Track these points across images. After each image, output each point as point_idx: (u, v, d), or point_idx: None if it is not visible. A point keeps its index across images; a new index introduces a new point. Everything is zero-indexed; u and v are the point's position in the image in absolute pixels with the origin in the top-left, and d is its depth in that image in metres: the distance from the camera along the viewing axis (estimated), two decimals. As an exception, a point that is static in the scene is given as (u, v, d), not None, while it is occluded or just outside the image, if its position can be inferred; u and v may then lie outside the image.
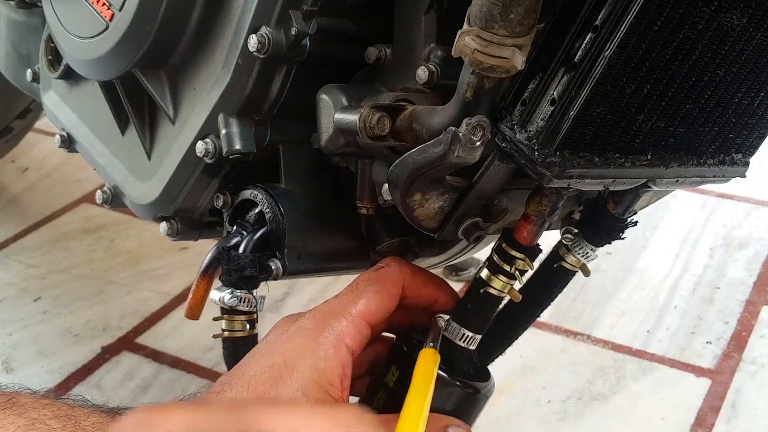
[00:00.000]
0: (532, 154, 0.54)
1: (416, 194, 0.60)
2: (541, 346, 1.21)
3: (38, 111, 1.49)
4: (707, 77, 0.56)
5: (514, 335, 0.75)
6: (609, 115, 0.54)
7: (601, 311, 1.28)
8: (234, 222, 0.71)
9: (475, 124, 0.54)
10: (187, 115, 0.72)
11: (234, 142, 0.68)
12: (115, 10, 0.71)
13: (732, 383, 1.13)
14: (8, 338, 1.24)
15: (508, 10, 0.49)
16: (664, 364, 1.18)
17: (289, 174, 0.71)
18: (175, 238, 0.77)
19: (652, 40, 0.52)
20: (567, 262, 0.70)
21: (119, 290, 1.35)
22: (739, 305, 1.29)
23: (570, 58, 0.53)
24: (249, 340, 0.68)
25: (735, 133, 0.62)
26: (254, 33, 0.65)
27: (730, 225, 1.49)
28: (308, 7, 0.65)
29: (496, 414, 1.09)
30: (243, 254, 0.67)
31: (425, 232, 0.63)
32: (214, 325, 0.69)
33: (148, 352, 1.22)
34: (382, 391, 0.65)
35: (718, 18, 0.53)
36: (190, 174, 0.73)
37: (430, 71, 0.62)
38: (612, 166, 0.57)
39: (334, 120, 0.64)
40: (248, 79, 0.67)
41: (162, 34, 0.70)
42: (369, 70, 0.68)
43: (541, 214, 0.61)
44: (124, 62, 0.73)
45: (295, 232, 0.68)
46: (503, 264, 0.62)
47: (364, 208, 0.69)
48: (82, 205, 1.58)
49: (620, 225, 0.69)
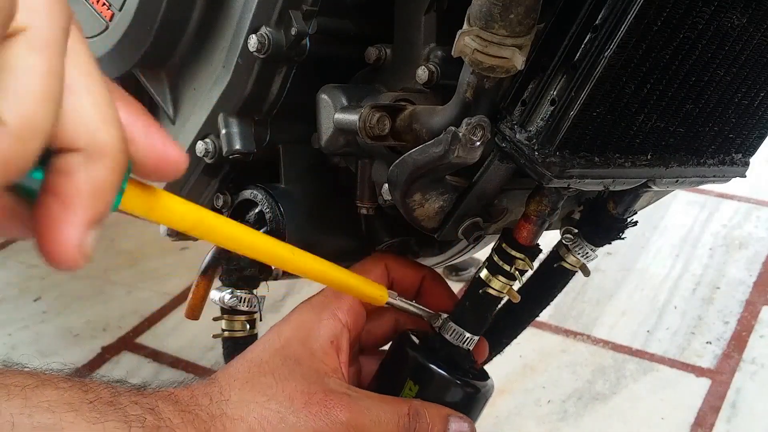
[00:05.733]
0: (532, 154, 0.54)
1: (416, 194, 0.60)
2: (541, 346, 1.21)
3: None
4: (707, 77, 0.56)
5: (512, 334, 0.75)
6: (609, 115, 0.54)
7: (601, 311, 1.28)
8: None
9: (475, 124, 0.54)
10: (187, 115, 0.72)
11: (234, 142, 0.68)
12: (115, 10, 0.71)
13: (732, 383, 1.13)
14: (8, 338, 1.24)
15: (508, 10, 0.49)
16: (664, 364, 1.18)
17: (289, 174, 0.71)
18: (175, 238, 0.77)
19: (652, 40, 0.52)
20: (567, 262, 0.70)
21: (119, 290, 1.35)
22: (739, 305, 1.29)
23: (570, 58, 0.53)
24: (249, 340, 0.68)
25: (735, 133, 0.62)
26: (254, 33, 0.65)
27: (730, 225, 1.49)
28: (308, 7, 0.65)
29: (496, 414, 1.09)
30: (243, 254, 0.67)
31: (425, 232, 0.63)
32: (214, 325, 0.69)
33: (148, 352, 1.22)
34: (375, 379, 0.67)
35: (718, 18, 0.53)
36: (190, 174, 0.73)
37: (430, 71, 0.62)
38: (612, 166, 0.57)
39: (334, 120, 0.64)
40: (248, 79, 0.67)
41: (162, 34, 0.70)
42: (369, 70, 0.68)
43: (541, 214, 0.61)
44: (124, 62, 0.73)
45: (295, 232, 0.68)
46: (503, 264, 0.63)
47: (364, 208, 0.69)
48: (82, 205, 1.58)
49: (620, 225, 0.69)
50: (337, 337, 0.62)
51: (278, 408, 0.57)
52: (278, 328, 0.62)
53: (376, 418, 0.58)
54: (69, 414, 0.48)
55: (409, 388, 0.64)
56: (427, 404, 0.61)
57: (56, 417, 0.48)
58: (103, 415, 0.50)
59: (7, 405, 0.47)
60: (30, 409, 0.47)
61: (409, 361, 0.64)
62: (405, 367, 0.65)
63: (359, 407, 0.58)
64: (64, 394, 0.49)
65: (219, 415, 0.55)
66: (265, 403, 0.57)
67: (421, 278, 0.68)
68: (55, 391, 0.49)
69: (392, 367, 0.66)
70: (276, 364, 0.59)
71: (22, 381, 0.49)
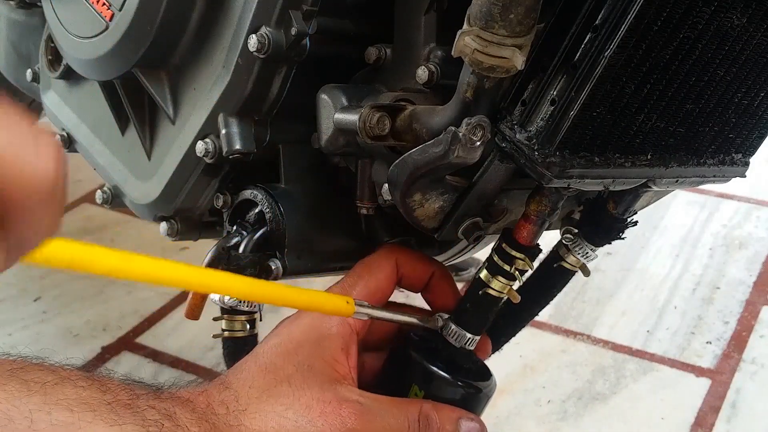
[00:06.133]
0: (532, 154, 0.54)
1: (416, 194, 0.60)
2: (541, 346, 1.21)
3: (38, 111, 1.49)
4: (707, 77, 0.56)
5: (511, 333, 0.75)
6: (609, 115, 0.54)
7: (601, 311, 1.28)
8: (234, 222, 0.71)
9: (475, 124, 0.54)
10: (187, 115, 0.72)
11: (234, 142, 0.68)
12: (115, 10, 0.71)
13: (732, 383, 1.13)
14: (8, 338, 1.24)
15: (508, 10, 0.49)
16: (664, 364, 1.18)
17: (289, 174, 0.71)
18: (175, 238, 0.77)
19: (652, 40, 0.52)
20: (567, 262, 0.70)
21: (119, 290, 1.35)
22: (739, 305, 1.29)
23: (570, 58, 0.53)
24: (249, 340, 0.68)
25: (735, 133, 0.62)
26: (254, 33, 0.65)
27: (730, 225, 1.49)
28: (308, 7, 0.65)
29: (496, 414, 1.09)
30: (243, 254, 0.67)
31: (425, 232, 0.63)
32: (214, 325, 0.69)
33: (148, 352, 1.22)
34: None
35: (718, 18, 0.53)
36: (190, 174, 0.73)
37: (430, 71, 0.62)
38: (612, 166, 0.57)
39: (334, 120, 0.64)
40: (248, 79, 0.67)
41: (162, 34, 0.70)
42: (369, 70, 0.68)
43: (541, 214, 0.61)
44: (124, 62, 0.73)
45: (295, 232, 0.68)
46: (503, 264, 0.63)
47: (364, 208, 0.69)
48: (82, 205, 1.58)
49: (620, 225, 0.68)
50: (347, 343, 0.62)
51: (295, 417, 0.57)
52: (288, 329, 0.62)
53: (387, 424, 0.59)
54: (87, 414, 0.49)
55: (415, 393, 0.64)
56: (439, 406, 0.62)
57: (74, 416, 0.48)
58: (120, 417, 0.50)
59: (26, 401, 0.47)
60: (49, 407, 0.48)
61: (412, 363, 0.65)
62: (408, 370, 0.65)
63: (371, 414, 0.59)
64: (83, 393, 0.50)
65: (237, 425, 0.56)
66: (282, 412, 0.57)
67: (431, 274, 0.69)
68: (73, 390, 0.50)
69: (396, 369, 0.67)
70: (290, 371, 0.59)
71: (41, 377, 0.49)
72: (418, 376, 0.64)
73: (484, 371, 0.68)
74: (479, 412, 0.66)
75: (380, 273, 0.65)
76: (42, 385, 0.49)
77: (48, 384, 0.49)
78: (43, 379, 0.49)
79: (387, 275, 0.66)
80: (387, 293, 0.66)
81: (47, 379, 0.49)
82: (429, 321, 0.66)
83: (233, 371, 0.61)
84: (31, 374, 0.49)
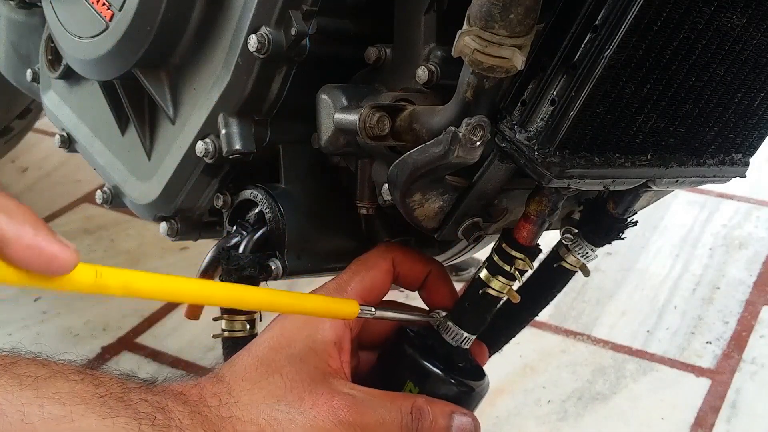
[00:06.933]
0: (532, 154, 0.54)
1: (416, 194, 0.60)
2: (541, 346, 1.21)
3: (38, 111, 1.49)
4: (707, 77, 0.56)
5: (511, 334, 0.75)
6: (609, 115, 0.54)
7: (601, 311, 1.28)
8: (234, 222, 0.71)
9: (475, 124, 0.54)
10: (187, 115, 0.72)
11: (234, 142, 0.68)
12: (115, 10, 0.71)
13: (732, 383, 1.13)
14: (8, 338, 1.24)
15: (508, 10, 0.49)
16: (664, 364, 1.18)
17: (289, 174, 0.71)
18: (175, 238, 0.77)
19: (652, 40, 0.52)
20: (567, 262, 0.70)
21: (119, 290, 1.35)
22: (739, 305, 1.29)
23: (570, 58, 0.53)
24: (249, 340, 0.68)
25: (735, 133, 0.62)
26: (254, 33, 0.65)
27: (730, 225, 1.49)
28: (308, 7, 0.65)
29: (496, 414, 1.09)
30: (243, 254, 0.67)
31: (425, 232, 0.63)
32: (214, 325, 0.69)
33: (148, 352, 1.22)
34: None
35: (718, 18, 0.53)
36: (190, 174, 0.73)
37: (430, 71, 0.62)
38: (612, 166, 0.57)
39: (334, 120, 0.64)
40: (248, 79, 0.67)
41: (162, 34, 0.70)
42: (369, 70, 0.68)
43: (541, 214, 0.61)
44: (124, 62, 0.73)
45: (295, 232, 0.68)
46: (503, 264, 0.63)
47: (364, 208, 0.69)
48: (82, 205, 1.58)
49: (620, 225, 0.68)
50: (340, 337, 0.62)
51: (287, 409, 0.57)
52: (281, 324, 0.62)
53: (380, 417, 0.59)
54: (79, 407, 0.49)
55: (410, 389, 0.64)
56: (432, 401, 0.62)
57: (67, 409, 0.48)
58: (113, 410, 0.50)
59: (18, 395, 0.47)
60: (41, 400, 0.48)
61: (407, 359, 0.65)
62: (403, 365, 0.65)
63: (363, 407, 0.59)
64: (75, 387, 0.50)
65: (229, 417, 0.56)
66: (274, 404, 0.57)
67: (427, 272, 0.69)
68: (66, 383, 0.50)
69: (390, 364, 0.67)
70: (282, 364, 0.59)
71: (34, 371, 0.49)
72: (412, 372, 0.64)
73: (478, 371, 0.68)
74: (471, 411, 0.66)
75: (376, 270, 0.65)
76: (34, 378, 0.49)
77: (40, 378, 0.49)
78: (36, 373, 0.49)
79: (383, 272, 0.66)
80: (383, 290, 0.66)
81: (39, 373, 0.49)
82: (427, 319, 0.67)
83: (227, 365, 0.61)
84: (24, 368, 0.49)
